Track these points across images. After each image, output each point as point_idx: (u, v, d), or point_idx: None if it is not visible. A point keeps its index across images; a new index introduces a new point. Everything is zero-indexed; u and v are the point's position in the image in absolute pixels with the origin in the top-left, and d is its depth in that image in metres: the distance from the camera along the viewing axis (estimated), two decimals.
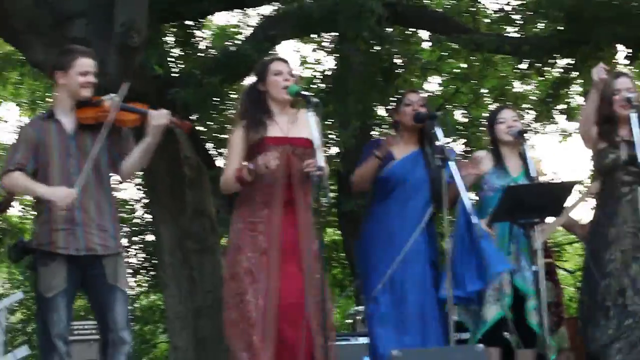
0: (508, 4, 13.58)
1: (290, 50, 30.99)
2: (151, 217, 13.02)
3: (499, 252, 6.36)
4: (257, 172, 5.65)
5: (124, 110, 5.76)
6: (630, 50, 11.59)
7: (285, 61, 6.07)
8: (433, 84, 18.54)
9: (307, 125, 5.69)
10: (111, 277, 5.74)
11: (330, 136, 12.83)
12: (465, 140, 17.45)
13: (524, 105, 16.84)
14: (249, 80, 6.20)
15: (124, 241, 19.55)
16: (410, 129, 6.71)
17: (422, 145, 6.71)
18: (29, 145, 5.73)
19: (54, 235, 5.62)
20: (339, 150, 14.03)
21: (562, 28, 11.48)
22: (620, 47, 11.79)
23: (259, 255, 5.71)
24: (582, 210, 22.74)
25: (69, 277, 5.66)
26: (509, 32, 13.80)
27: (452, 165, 6.15)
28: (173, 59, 13.08)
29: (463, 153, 17.20)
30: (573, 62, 12.17)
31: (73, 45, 6.20)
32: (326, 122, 11.66)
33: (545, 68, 12.37)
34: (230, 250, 5.83)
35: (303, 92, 5.87)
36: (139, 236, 19.61)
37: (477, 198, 6.97)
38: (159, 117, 5.71)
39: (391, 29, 12.21)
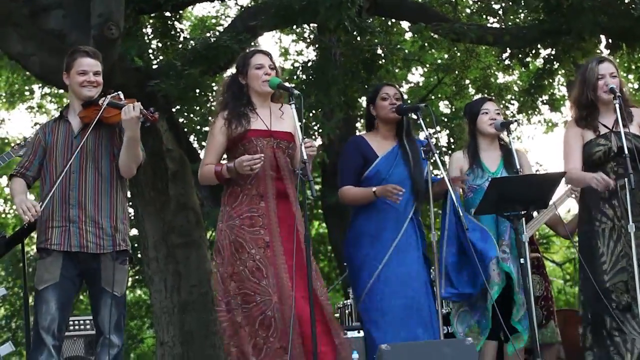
0: None
1: (271, 42, 30.99)
2: (135, 211, 12.98)
3: (487, 240, 6.37)
4: (237, 172, 5.63)
5: (111, 107, 5.78)
6: (611, 41, 11.58)
7: (267, 54, 6.05)
8: (416, 75, 18.57)
9: (289, 118, 5.72)
10: (105, 280, 5.76)
11: (314, 127, 12.80)
12: (449, 132, 17.46)
13: (507, 96, 16.87)
14: (230, 72, 6.15)
15: None
16: (388, 123, 6.66)
17: (400, 139, 6.68)
18: (34, 149, 5.88)
19: (49, 232, 5.70)
20: (321, 142, 14.00)
21: (543, 18, 11.44)
22: (602, 37, 11.76)
23: (263, 251, 5.67)
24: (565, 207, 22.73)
25: (64, 272, 5.69)
26: (491, 23, 13.80)
27: (436, 158, 6.15)
28: (152, 51, 13.04)
29: (447, 144, 17.24)
30: (554, 52, 12.14)
31: (78, 47, 6.23)
32: (310, 114, 11.63)
33: (527, 59, 12.32)
34: (226, 248, 5.76)
35: (284, 85, 5.86)
36: None
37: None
38: (129, 111, 5.67)
39: (371, 20, 12.19)
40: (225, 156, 6.00)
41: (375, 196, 6.33)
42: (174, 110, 12.96)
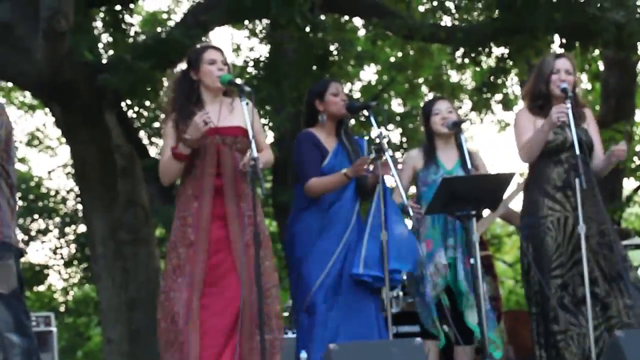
0: None
1: (223, 37, 30.96)
2: (83, 207, 12.89)
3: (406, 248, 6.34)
4: (192, 140, 5.58)
5: None
6: (564, 40, 11.62)
7: (219, 50, 5.99)
8: (368, 73, 18.61)
9: (241, 113, 5.64)
10: None
11: (264, 123, 12.76)
12: (402, 130, 17.51)
13: (460, 96, 16.94)
14: (181, 67, 6.11)
15: (56, 232, 19.40)
16: (334, 120, 6.60)
17: (339, 137, 6.63)
18: None
19: None
20: (273, 139, 13.97)
21: (496, 16, 11.47)
22: (556, 36, 11.81)
23: (186, 249, 5.69)
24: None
25: None
26: (444, 22, 13.82)
27: (387, 155, 6.07)
28: (103, 45, 12.94)
29: (399, 143, 17.28)
30: (508, 51, 12.18)
31: None
32: (261, 110, 11.59)
33: (480, 57, 12.34)
34: (169, 248, 5.83)
35: (235, 81, 5.81)
36: (71, 226, 19.40)
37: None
38: None
39: (324, 17, 12.17)
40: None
41: (347, 177, 6.25)
42: (123, 105, 12.87)
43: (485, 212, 6.67)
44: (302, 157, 6.58)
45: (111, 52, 12.74)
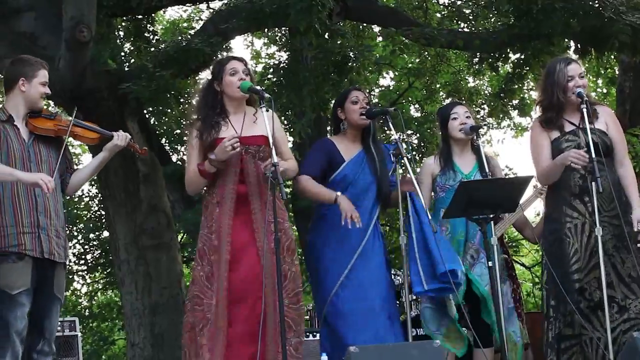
0: None
1: (242, 45, 31.00)
2: (106, 213, 12.95)
3: (450, 250, 6.41)
4: (218, 160, 5.70)
5: (79, 127, 5.98)
6: (580, 46, 11.66)
7: (241, 60, 6.10)
8: (387, 79, 18.63)
9: (264, 122, 5.74)
10: (57, 287, 5.87)
11: (286, 127, 12.81)
12: (419, 136, 17.52)
13: (478, 101, 16.96)
14: (204, 76, 6.22)
15: (80, 238, 19.51)
16: (356, 127, 6.67)
17: (365, 144, 6.70)
18: None
19: (22, 237, 5.70)
20: (292, 144, 14.03)
21: (512, 22, 11.52)
22: (571, 43, 11.85)
23: (212, 256, 5.81)
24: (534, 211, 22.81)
25: (32, 279, 5.72)
26: (462, 28, 13.88)
27: (405, 161, 6.17)
28: (125, 54, 13.03)
29: (417, 148, 17.29)
30: (524, 57, 12.22)
31: (29, 56, 6.22)
32: (282, 117, 11.66)
33: (497, 63, 12.40)
34: (197, 255, 5.93)
35: (255, 88, 5.91)
36: (95, 232, 19.51)
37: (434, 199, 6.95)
38: (122, 139, 5.97)
39: (341, 24, 12.24)
40: None
41: (334, 201, 6.34)
42: (145, 112, 12.95)
43: (505, 215, 6.76)
44: (308, 155, 6.74)
45: (133, 60, 12.81)
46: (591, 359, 6.19)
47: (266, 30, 14.80)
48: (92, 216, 19.63)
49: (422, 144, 17.42)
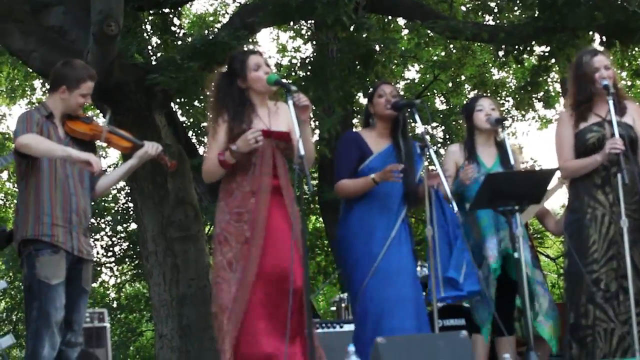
0: None
1: (268, 38, 31.04)
2: (134, 205, 13.02)
3: (459, 258, 6.48)
4: (240, 152, 5.74)
5: (114, 134, 6.10)
6: (605, 38, 11.68)
7: (259, 53, 6.07)
8: (412, 72, 18.67)
9: (285, 116, 5.78)
10: (84, 281, 5.98)
11: (314, 123, 12.88)
12: (445, 128, 17.57)
13: (503, 93, 16.98)
14: (222, 70, 6.22)
15: (108, 230, 19.67)
16: (384, 121, 6.66)
17: (394, 138, 6.76)
18: (38, 129, 5.86)
19: (55, 229, 5.79)
20: (318, 138, 14.08)
21: (537, 15, 11.55)
22: (596, 35, 11.87)
23: (241, 246, 5.77)
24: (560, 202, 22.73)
25: (66, 272, 5.82)
26: (486, 20, 13.92)
27: (432, 152, 6.21)
28: (152, 47, 13.12)
29: (442, 140, 17.33)
30: (549, 49, 12.24)
31: (81, 62, 6.27)
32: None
33: (523, 56, 12.42)
34: (216, 241, 5.89)
35: (282, 81, 5.86)
36: (123, 224, 19.70)
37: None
38: (153, 149, 6.04)
39: (367, 17, 12.29)
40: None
41: (374, 183, 6.37)
42: (172, 105, 13.04)
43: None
44: (339, 157, 6.72)
45: (160, 54, 12.90)
46: (604, 349, 6.21)
47: (292, 23, 14.83)
48: (120, 208, 19.78)
49: (448, 137, 17.47)
